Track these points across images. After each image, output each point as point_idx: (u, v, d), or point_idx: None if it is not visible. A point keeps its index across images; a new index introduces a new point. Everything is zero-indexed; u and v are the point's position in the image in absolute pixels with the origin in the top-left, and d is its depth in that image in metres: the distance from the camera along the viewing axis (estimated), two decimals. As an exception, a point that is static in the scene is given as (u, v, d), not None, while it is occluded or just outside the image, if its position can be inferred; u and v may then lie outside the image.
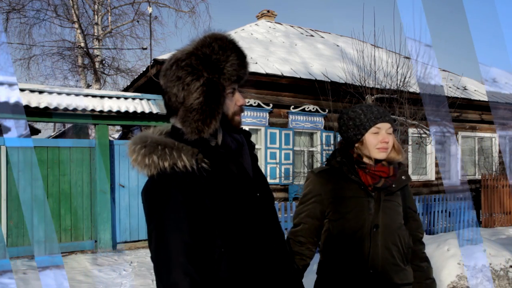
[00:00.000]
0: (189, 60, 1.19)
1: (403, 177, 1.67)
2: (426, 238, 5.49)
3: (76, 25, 13.81)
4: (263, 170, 8.79)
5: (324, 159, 8.74)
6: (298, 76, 8.60)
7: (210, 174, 1.17)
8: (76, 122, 6.86)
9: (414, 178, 9.75)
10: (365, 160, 1.65)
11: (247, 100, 8.26)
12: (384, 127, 1.63)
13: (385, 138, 1.61)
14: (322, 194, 1.66)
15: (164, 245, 1.08)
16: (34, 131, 14.44)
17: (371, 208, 1.60)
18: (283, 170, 8.60)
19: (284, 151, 8.71)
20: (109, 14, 15.07)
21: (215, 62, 1.20)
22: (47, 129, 21.34)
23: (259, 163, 1.42)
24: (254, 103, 8.29)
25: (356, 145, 1.66)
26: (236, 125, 1.28)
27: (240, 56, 1.25)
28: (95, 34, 14.42)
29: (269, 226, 1.29)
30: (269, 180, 8.43)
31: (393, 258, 1.60)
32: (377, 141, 1.62)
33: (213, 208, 1.14)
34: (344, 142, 1.71)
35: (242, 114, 1.31)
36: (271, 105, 8.55)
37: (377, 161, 1.64)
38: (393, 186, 1.64)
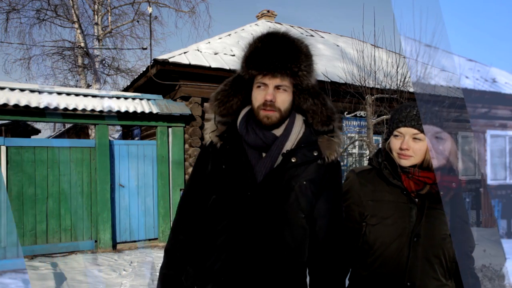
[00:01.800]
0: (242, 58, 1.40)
1: (453, 183, 1.51)
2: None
3: (76, 25, 13.81)
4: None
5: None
6: (298, 76, 8.58)
7: (216, 152, 1.38)
8: (76, 122, 6.85)
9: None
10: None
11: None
12: (407, 132, 1.49)
13: (404, 145, 1.49)
14: (361, 196, 1.55)
15: None
16: (34, 131, 14.43)
17: (413, 216, 1.47)
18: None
19: (284, 151, 8.69)
20: (109, 14, 15.07)
21: (244, 56, 1.37)
22: (47, 129, 21.34)
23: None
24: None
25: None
26: (260, 119, 1.32)
27: (270, 51, 1.29)
28: (95, 34, 14.42)
29: (246, 225, 1.27)
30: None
31: (434, 272, 1.47)
32: (397, 147, 1.51)
33: (209, 174, 1.40)
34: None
35: (269, 110, 1.31)
36: (271, 105, 8.53)
37: (422, 167, 1.49)
38: (441, 193, 1.49)
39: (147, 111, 6.85)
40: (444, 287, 1.49)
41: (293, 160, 1.30)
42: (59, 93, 6.67)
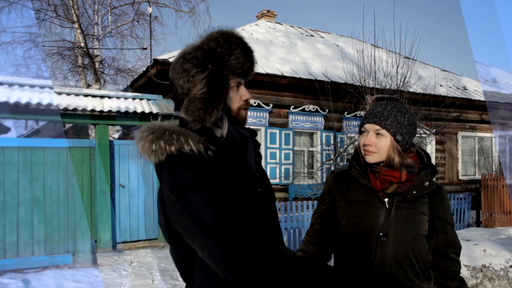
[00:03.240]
0: (195, 53, 1.25)
1: (426, 183, 1.51)
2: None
3: (76, 25, 13.80)
4: (263, 170, 8.60)
5: (324, 159, 8.73)
6: (298, 76, 8.59)
7: (214, 159, 1.20)
8: (76, 122, 6.85)
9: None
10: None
11: (247, 100, 8.27)
12: (371, 129, 1.52)
13: (367, 141, 1.51)
14: (335, 196, 1.60)
15: None
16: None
17: (381, 215, 1.49)
18: (283, 170, 8.60)
19: (284, 151, 8.70)
20: (109, 14, 15.07)
21: (220, 55, 1.25)
22: (47, 129, 21.32)
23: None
24: (254, 103, 8.28)
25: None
26: (241, 120, 1.32)
27: (245, 51, 1.29)
28: (95, 34, 14.42)
29: (267, 221, 1.31)
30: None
31: (404, 273, 1.46)
32: (362, 143, 1.54)
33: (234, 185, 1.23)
34: None
35: (248, 109, 1.34)
36: (271, 105, 8.54)
37: (389, 166, 1.50)
38: (414, 192, 1.50)
39: (147, 111, 6.85)
40: None
41: (259, 150, 1.42)
42: (59, 93, 6.67)
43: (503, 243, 5.26)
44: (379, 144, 1.50)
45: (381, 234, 1.47)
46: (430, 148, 10.32)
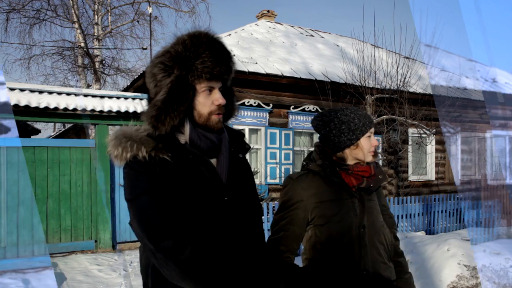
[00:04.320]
0: (163, 57, 1.21)
1: (379, 176, 1.69)
2: (426, 238, 5.47)
3: (76, 25, 13.81)
4: (262, 170, 8.56)
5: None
6: (298, 76, 8.59)
7: (169, 166, 1.18)
8: (76, 122, 6.85)
9: (414, 178, 9.75)
10: (349, 162, 1.64)
11: (247, 100, 8.27)
12: (372, 131, 1.69)
13: (375, 142, 1.67)
14: (304, 200, 1.60)
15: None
16: (34, 131, 14.43)
17: (357, 209, 1.61)
18: (283, 170, 8.60)
19: (284, 151, 8.70)
20: (109, 14, 15.08)
21: (185, 58, 1.19)
22: (47, 129, 21.34)
23: (259, 163, 1.40)
24: (254, 103, 8.28)
25: (347, 149, 1.64)
26: (212, 125, 1.25)
27: (215, 54, 1.21)
28: (95, 34, 14.43)
29: (231, 232, 1.23)
30: (269, 180, 8.43)
31: (381, 257, 1.62)
32: (370, 145, 1.65)
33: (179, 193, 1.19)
34: (333, 145, 1.64)
35: (220, 113, 1.27)
36: (271, 105, 8.54)
37: (356, 162, 1.67)
38: (371, 185, 1.65)
39: (147, 111, 6.85)
40: (389, 269, 1.65)
41: (240, 156, 1.35)
42: (59, 93, 6.67)
43: (503, 243, 5.26)
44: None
45: (360, 226, 1.60)
46: (430, 148, 10.32)
